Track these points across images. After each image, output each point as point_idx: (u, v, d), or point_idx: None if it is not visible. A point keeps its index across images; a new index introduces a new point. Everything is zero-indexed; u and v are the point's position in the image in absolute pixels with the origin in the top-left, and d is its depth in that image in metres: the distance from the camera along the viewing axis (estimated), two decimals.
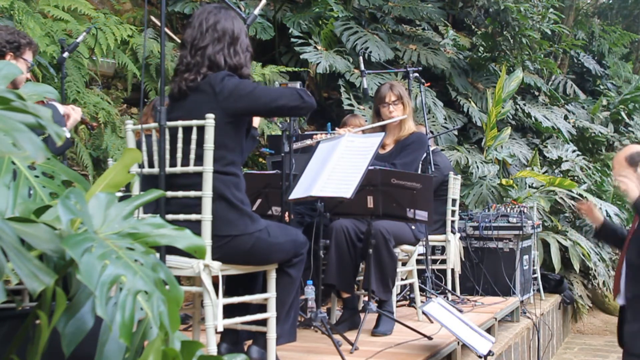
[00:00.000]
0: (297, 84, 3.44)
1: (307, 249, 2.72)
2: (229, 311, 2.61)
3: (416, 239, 3.85)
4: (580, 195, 7.56)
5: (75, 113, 3.19)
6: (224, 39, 2.56)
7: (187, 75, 2.52)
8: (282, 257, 2.59)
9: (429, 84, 5.70)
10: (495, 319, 4.42)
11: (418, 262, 4.15)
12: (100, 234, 1.19)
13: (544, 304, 6.13)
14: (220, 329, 2.40)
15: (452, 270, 4.94)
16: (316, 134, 3.95)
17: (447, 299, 4.64)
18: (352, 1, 7.78)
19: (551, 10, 8.58)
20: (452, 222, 4.97)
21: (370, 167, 3.08)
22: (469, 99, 8.03)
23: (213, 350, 2.38)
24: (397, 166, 3.71)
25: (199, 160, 2.40)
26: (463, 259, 5.28)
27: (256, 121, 2.78)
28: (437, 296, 4.33)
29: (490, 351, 3.27)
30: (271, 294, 2.56)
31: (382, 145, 3.93)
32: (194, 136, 2.41)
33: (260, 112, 2.59)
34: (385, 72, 6.73)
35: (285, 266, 2.63)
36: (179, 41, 3.20)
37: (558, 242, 6.98)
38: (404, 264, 3.93)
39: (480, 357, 3.26)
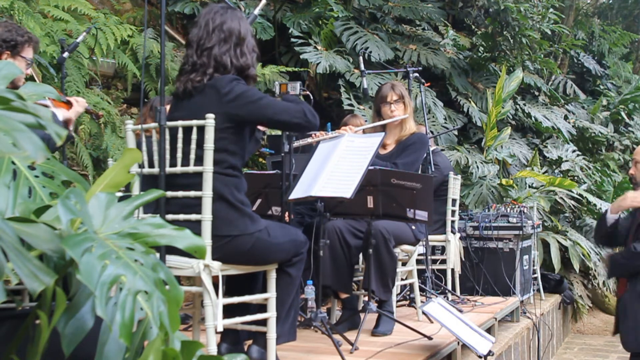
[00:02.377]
0: (297, 84, 3.44)
1: (307, 248, 2.72)
2: (229, 311, 2.61)
3: (416, 239, 3.85)
4: (580, 195, 7.56)
5: (78, 105, 3.16)
6: (231, 39, 2.55)
7: (194, 76, 2.51)
8: (282, 257, 2.59)
9: (429, 84, 5.70)
10: (495, 319, 4.41)
11: (418, 262, 4.14)
12: (100, 234, 1.19)
13: (544, 304, 6.13)
14: (220, 329, 2.40)
15: (452, 270, 4.94)
16: (316, 134, 3.95)
17: (447, 299, 4.64)
18: (352, 1, 7.77)
19: (551, 10, 8.58)
20: (452, 222, 4.97)
21: (370, 167, 3.08)
22: (469, 99, 8.03)
23: (213, 350, 2.38)
24: (398, 166, 3.70)
25: (199, 160, 2.40)
26: (463, 259, 5.28)
27: None
28: (437, 296, 4.33)
29: (490, 351, 3.27)
30: (271, 294, 2.56)
31: (383, 145, 3.93)
32: (194, 136, 2.41)
33: (262, 122, 2.57)
34: (385, 72, 6.72)
35: (285, 266, 2.63)
36: (182, 42, 3.19)
37: (558, 242, 6.97)
38: (404, 264, 3.93)
39: (480, 357, 3.26)
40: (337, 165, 3.09)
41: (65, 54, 4.05)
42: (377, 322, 3.60)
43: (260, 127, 2.75)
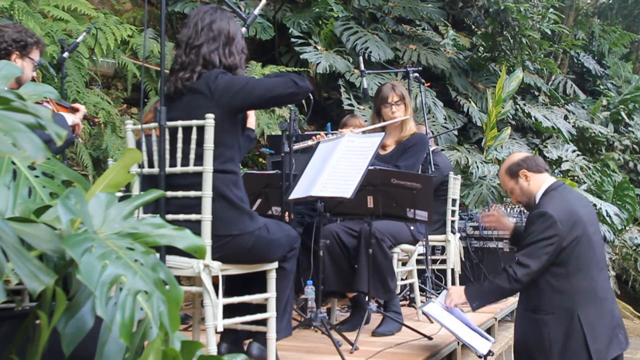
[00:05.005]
0: None
1: (299, 242, 2.73)
2: (229, 311, 2.61)
3: (414, 239, 3.84)
4: None
5: (80, 113, 3.21)
6: (219, 38, 2.55)
7: (182, 74, 2.51)
8: (280, 252, 2.60)
9: (429, 84, 5.70)
10: (495, 319, 4.41)
11: (418, 262, 4.14)
12: (100, 234, 1.19)
13: None
14: (220, 329, 2.40)
15: (452, 270, 4.94)
16: (316, 134, 3.95)
17: None
18: (352, 1, 7.78)
19: (551, 10, 8.59)
20: (452, 222, 4.96)
21: (370, 167, 3.08)
22: (469, 99, 8.04)
23: (213, 350, 2.37)
24: (400, 169, 3.70)
25: (199, 160, 2.40)
26: (463, 259, 5.27)
27: (252, 122, 2.77)
28: (437, 296, 4.32)
29: (490, 351, 3.27)
30: (271, 294, 2.56)
31: (383, 146, 3.92)
32: (193, 136, 2.41)
33: (255, 105, 2.55)
34: (385, 72, 6.73)
35: (280, 261, 2.64)
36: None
37: None
38: (404, 264, 3.92)
39: (480, 357, 3.26)
40: (337, 165, 3.09)
41: (65, 54, 4.05)
42: (380, 322, 3.60)
43: (252, 126, 2.75)
